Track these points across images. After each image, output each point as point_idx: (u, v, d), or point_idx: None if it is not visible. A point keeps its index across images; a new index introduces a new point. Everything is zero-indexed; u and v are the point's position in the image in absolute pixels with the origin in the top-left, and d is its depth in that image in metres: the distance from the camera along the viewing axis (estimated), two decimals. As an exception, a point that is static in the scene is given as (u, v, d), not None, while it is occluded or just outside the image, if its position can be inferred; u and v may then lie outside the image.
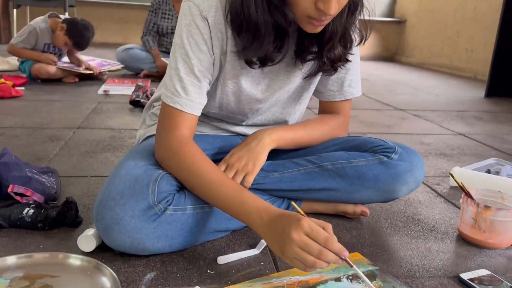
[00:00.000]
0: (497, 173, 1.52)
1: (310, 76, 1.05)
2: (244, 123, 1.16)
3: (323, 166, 1.09)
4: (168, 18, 3.45)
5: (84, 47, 2.93)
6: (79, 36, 2.82)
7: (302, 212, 0.75)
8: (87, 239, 0.92)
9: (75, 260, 0.87)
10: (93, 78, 3.09)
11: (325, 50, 0.97)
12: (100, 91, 2.70)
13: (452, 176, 1.07)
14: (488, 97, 3.38)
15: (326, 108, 1.18)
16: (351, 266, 0.74)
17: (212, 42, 0.94)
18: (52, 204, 1.08)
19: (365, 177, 1.07)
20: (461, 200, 1.10)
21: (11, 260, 0.86)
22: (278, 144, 1.08)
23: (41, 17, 2.93)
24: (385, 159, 1.06)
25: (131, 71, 3.49)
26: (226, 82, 1.01)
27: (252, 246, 0.98)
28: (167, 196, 0.90)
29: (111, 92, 2.68)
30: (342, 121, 1.18)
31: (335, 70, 1.02)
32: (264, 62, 0.95)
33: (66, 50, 3.04)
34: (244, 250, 0.96)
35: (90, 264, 0.86)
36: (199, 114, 0.97)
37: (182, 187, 0.95)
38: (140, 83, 2.46)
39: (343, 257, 0.73)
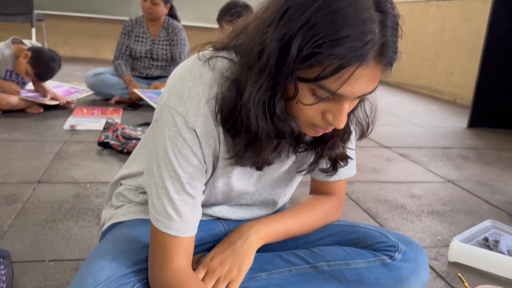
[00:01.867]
0: (496, 242, 1.42)
1: (307, 172, 0.92)
2: (226, 204, 1.01)
3: (318, 266, 0.95)
4: (141, 42, 3.28)
5: (47, 79, 2.73)
6: (44, 66, 2.61)
7: None
8: None
9: None
10: (60, 107, 2.89)
11: (325, 148, 0.84)
12: (67, 126, 2.50)
13: (462, 281, 0.96)
14: (471, 127, 3.33)
15: (318, 187, 1.05)
16: None
17: (204, 153, 0.79)
18: (-2, 318, 0.91)
19: (366, 281, 0.93)
20: (470, 303, 0.98)
21: None
22: (267, 241, 0.94)
23: (4, 43, 2.72)
24: (388, 260, 0.94)
25: (102, 97, 3.30)
26: (216, 184, 0.87)
27: None
28: (135, 330, 0.74)
29: (78, 128, 2.49)
30: (336, 204, 1.05)
31: (336, 170, 0.89)
32: (260, 167, 0.81)
33: (29, 79, 2.82)
34: None
35: None
36: (196, 232, 0.83)
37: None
38: (109, 120, 2.29)
39: None
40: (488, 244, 1.42)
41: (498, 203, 1.83)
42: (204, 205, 0.96)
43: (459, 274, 0.96)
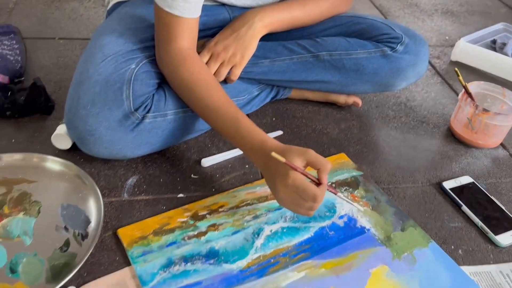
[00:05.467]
0: (504, 45, 1.42)
1: None
2: (232, -12, 0.99)
3: (319, 56, 0.98)
4: None
5: None
6: None
7: (284, 160, 0.67)
8: (62, 138, 0.86)
9: (53, 164, 0.83)
10: None
11: None
12: None
13: (457, 74, 0.99)
14: None
15: None
16: (335, 194, 0.74)
17: None
18: (19, 86, 0.98)
19: (364, 71, 0.97)
20: (459, 96, 1.03)
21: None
22: (271, 29, 0.95)
23: None
24: (389, 51, 0.96)
25: None
26: None
27: (237, 143, 0.94)
28: (145, 101, 0.81)
29: None
30: (346, -6, 1.02)
31: None
32: None
33: None
34: (228, 148, 0.93)
35: (70, 172, 0.82)
36: (200, 14, 0.82)
37: (160, 84, 0.86)
38: None
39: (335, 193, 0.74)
40: (495, 46, 1.42)
41: (517, 6, 1.76)
42: (209, -12, 0.93)
43: (456, 69, 0.98)
